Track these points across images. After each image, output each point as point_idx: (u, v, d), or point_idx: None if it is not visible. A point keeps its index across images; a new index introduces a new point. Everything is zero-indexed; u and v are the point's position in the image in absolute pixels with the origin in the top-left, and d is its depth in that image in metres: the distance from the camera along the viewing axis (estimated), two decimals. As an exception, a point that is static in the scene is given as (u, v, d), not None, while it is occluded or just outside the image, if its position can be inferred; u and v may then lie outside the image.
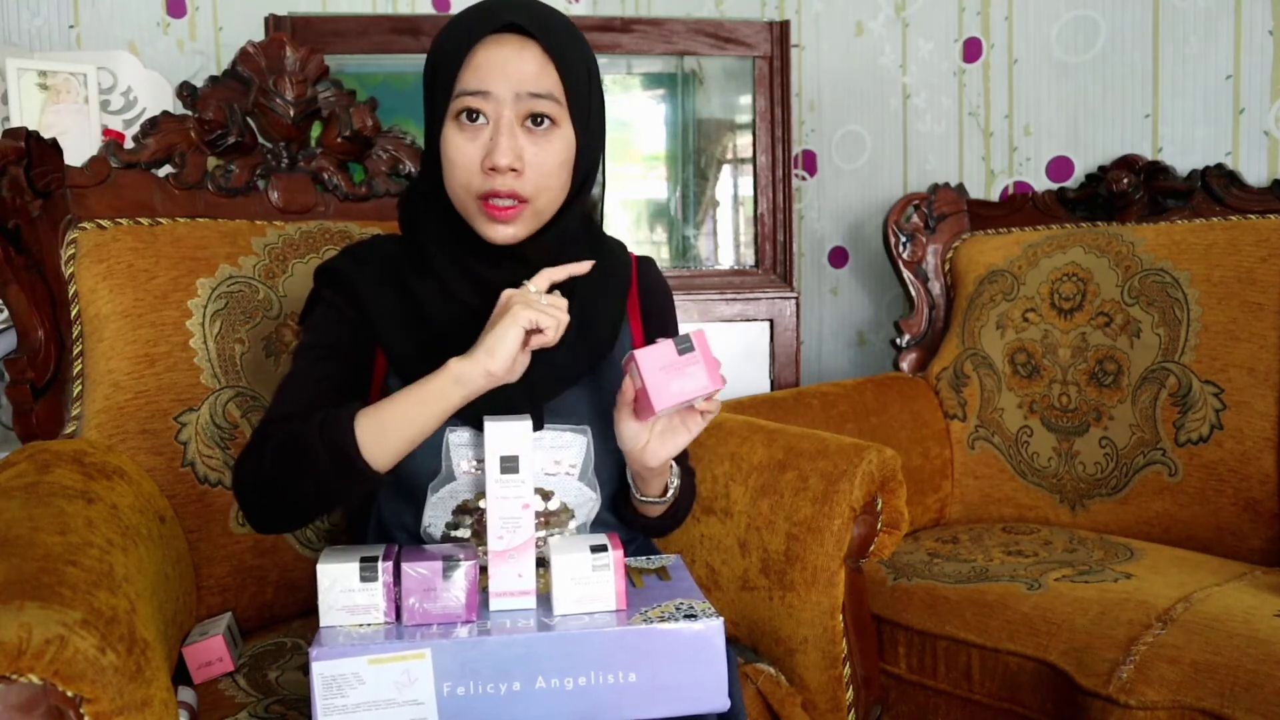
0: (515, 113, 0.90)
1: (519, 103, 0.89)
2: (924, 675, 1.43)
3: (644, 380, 0.88)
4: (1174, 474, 1.61)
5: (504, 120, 0.89)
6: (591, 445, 1.01)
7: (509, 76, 0.89)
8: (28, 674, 0.69)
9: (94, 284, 1.18)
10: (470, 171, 0.91)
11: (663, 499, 1.03)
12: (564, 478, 1.00)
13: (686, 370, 0.88)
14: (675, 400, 0.88)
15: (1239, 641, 1.16)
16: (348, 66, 1.99)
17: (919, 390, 1.89)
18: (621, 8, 2.51)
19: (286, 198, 1.40)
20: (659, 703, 0.84)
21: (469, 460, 0.97)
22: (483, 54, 0.89)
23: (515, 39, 0.89)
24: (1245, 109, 1.76)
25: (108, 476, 1.03)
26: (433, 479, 0.97)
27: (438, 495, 0.98)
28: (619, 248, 1.09)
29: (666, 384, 0.88)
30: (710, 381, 0.89)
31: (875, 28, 2.24)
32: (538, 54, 0.90)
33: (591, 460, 1.01)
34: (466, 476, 0.97)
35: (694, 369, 0.88)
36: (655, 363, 0.88)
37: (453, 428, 0.97)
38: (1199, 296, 1.63)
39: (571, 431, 1.00)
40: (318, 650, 0.80)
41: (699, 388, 0.89)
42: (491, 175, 0.90)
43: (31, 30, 2.07)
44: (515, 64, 0.89)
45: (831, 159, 2.34)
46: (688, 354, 0.89)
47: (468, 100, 0.90)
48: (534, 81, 0.89)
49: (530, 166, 0.91)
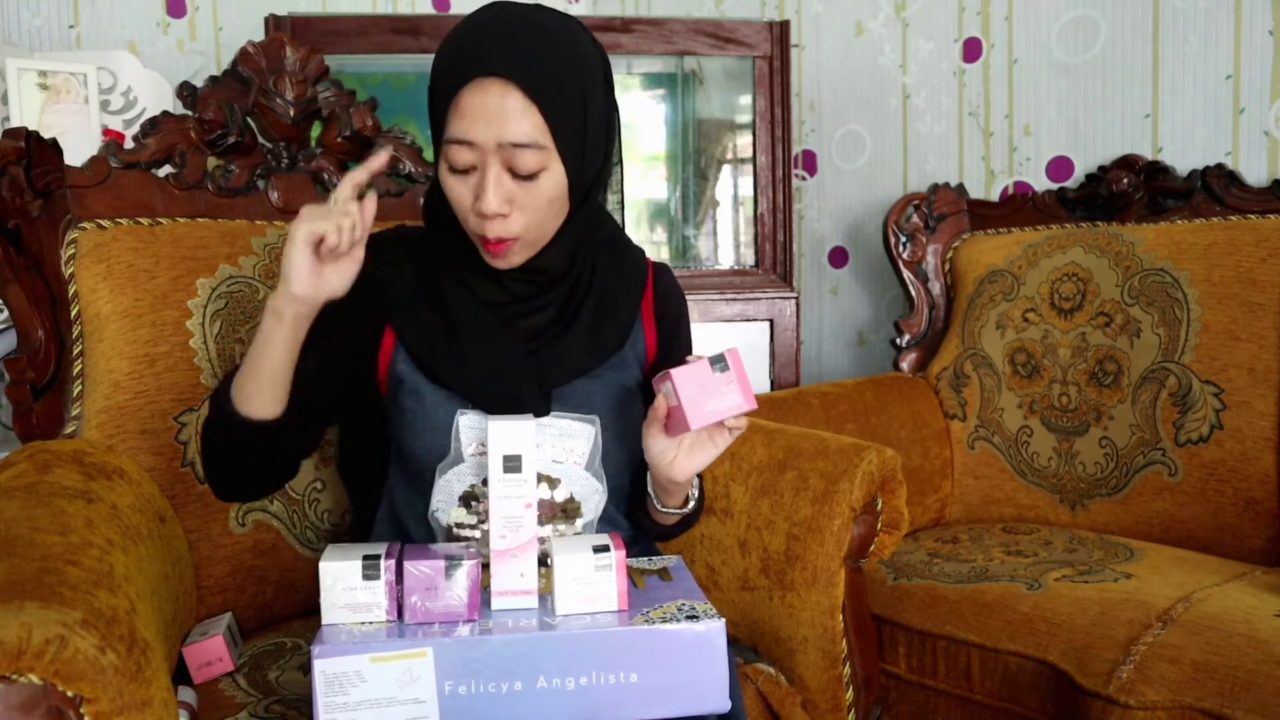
0: (500, 161, 0.90)
1: (502, 151, 0.90)
2: (924, 675, 1.43)
3: (680, 399, 0.89)
4: (1174, 474, 1.61)
5: (490, 170, 0.90)
6: (599, 436, 1.02)
7: (490, 125, 0.89)
8: (28, 674, 0.69)
9: (94, 284, 1.17)
10: (465, 211, 0.93)
11: (682, 509, 1.04)
12: (571, 466, 1.01)
13: (722, 390, 0.89)
14: (710, 419, 0.89)
15: (1239, 641, 1.16)
16: (348, 66, 1.99)
17: (919, 390, 1.89)
18: (621, 8, 2.51)
19: (287, 198, 1.40)
20: (660, 703, 0.84)
21: (478, 444, 0.98)
22: (466, 101, 0.89)
23: (496, 85, 0.89)
24: (1245, 109, 1.76)
25: (108, 476, 1.03)
26: (441, 460, 0.98)
27: (445, 478, 0.99)
28: (638, 254, 1.11)
29: (702, 403, 0.89)
30: (744, 400, 0.90)
31: (875, 28, 2.24)
32: (518, 99, 0.89)
33: (599, 451, 1.02)
34: (474, 459, 0.98)
35: (729, 388, 0.89)
36: (692, 381, 0.89)
37: (463, 410, 0.98)
38: (1199, 296, 1.63)
39: (580, 421, 1.01)
40: (319, 648, 0.80)
41: (733, 406, 0.89)
42: (482, 220, 0.92)
43: (31, 30, 2.07)
44: (496, 111, 0.89)
45: (831, 159, 2.34)
46: (723, 373, 0.89)
47: (454, 150, 0.91)
48: (514, 130, 0.89)
49: (519, 208, 0.92)
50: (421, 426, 0.98)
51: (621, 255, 1.08)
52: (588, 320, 1.02)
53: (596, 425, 1.02)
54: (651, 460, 0.97)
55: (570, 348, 1.00)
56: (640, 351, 1.07)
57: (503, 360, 0.98)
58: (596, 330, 1.02)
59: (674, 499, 1.02)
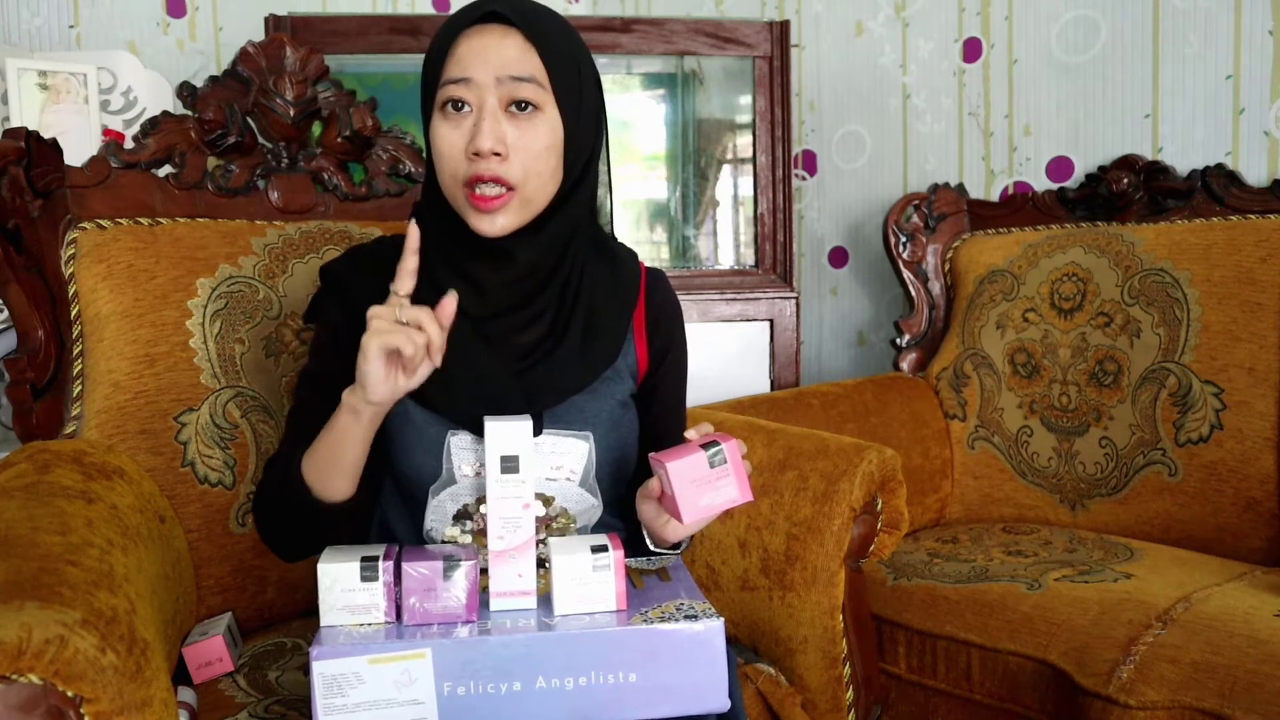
0: (498, 98, 0.90)
1: (500, 87, 0.89)
2: (924, 675, 1.43)
3: (674, 492, 0.88)
4: (1174, 474, 1.61)
5: (486, 105, 0.89)
6: (593, 451, 1.00)
7: (489, 61, 0.89)
8: (28, 674, 0.69)
9: (94, 284, 1.17)
10: (456, 160, 0.91)
11: (675, 550, 1.02)
12: (564, 483, 0.99)
13: (717, 484, 0.88)
14: (703, 514, 0.88)
15: (1239, 641, 1.16)
16: (348, 66, 1.99)
17: (919, 390, 1.89)
18: (621, 8, 2.51)
19: (286, 198, 1.40)
20: (659, 703, 0.84)
21: (470, 464, 0.97)
22: (464, 44, 0.90)
23: (497, 28, 0.90)
24: (1245, 109, 1.76)
25: (108, 476, 1.03)
26: (433, 482, 0.97)
27: (438, 499, 0.98)
28: (630, 258, 1.07)
29: (697, 498, 0.88)
30: (740, 494, 0.88)
31: (875, 28, 2.24)
32: (519, 40, 0.90)
33: (593, 467, 1.00)
34: (467, 480, 0.97)
35: (724, 482, 0.88)
36: (687, 476, 0.87)
37: (453, 430, 0.96)
38: (1199, 296, 1.63)
39: (573, 438, 0.99)
40: (318, 649, 0.80)
41: (727, 500, 0.88)
42: (475, 160, 0.90)
43: (31, 30, 2.07)
44: (495, 49, 0.89)
45: (831, 159, 2.34)
46: (720, 467, 0.88)
47: (450, 89, 0.90)
48: (514, 65, 0.89)
49: (515, 150, 0.90)
50: (412, 448, 0.96)
51: (612, 261, 1.04)
52: (577, 337, 0.98)
53: (590, 441, 0.99)
54: (644, 522, 0.96)
55: (560, 367, 0.97)
56: (632, 363, 1.04)
57: (491, 383, 0.95)
58: (587, 348, 0.99)
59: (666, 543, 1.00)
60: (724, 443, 0.88)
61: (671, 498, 0.88)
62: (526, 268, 0.96)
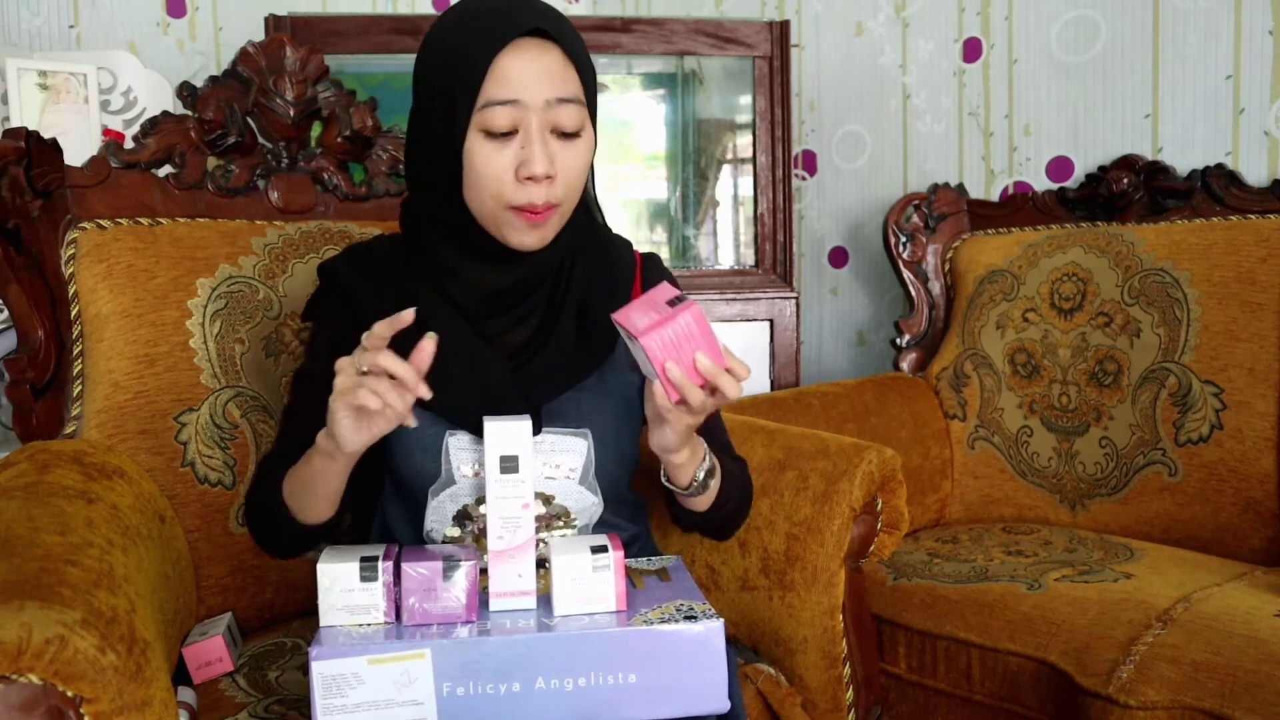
0: (543, 120, 0.88)
1: (548, 110, 0.88)
2: (924, 675, 1.43)
3: (635, 329, 0.83)
4: (1174, 474, 1.61)
5: (534, 128, 0.88)
6: (592, 449, 0.99)
7: (539, 83, 0.87)
8: (28, 674, 0.69)
9: (94, 284, 1.17)
10: (502, 183, 0.89)
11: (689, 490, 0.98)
12: (564, 482, 0.99)
13: (677, 318, 0.83)
14: (668, 350, 0.83)
15: (1239, 641, 1.16)
16: (348, 66, 1.99)
17: (919, 390, 1.89)
18: (621, 8, 2.51)
19: (286, 198, 1.40)
20: (659, 704, 0.84)
21: (469, 464, 0.97)
22: (507, 60, 0.87)
23: (536, 43, 0.88)
24: (1245, 109, 1.76)
25: (108, 476, 1.03)
26: (433, 483, 0.97)
27: (438, 499, 0.97)
28: (624, 246, 1.08)
29: (655, 329, 0.83)
30: (699, 327, 0.83)
31: (875, 28, 2.24)
32: (559, 56, 0.89)
33: (592, 465, 0.99)
34: (466, 480, 0.97)
35: (684, 317, 0.83)
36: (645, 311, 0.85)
37: (451, 431, 0.96)
38: (1199, 296, 1.62)
39: (571, 435, 0.98)
40: (317, 650, 0.80)
41: (686, 331, 0.84)
42: (527, 185, 0.89)
43: (31, 30, 2.07)
44: (544, 69, 0.88)
45: (831, 159, 2.34)
46: (679, 306, 0.84)
47: (498, 111, 0.87)
48: (560, 86, 0.88)
49: (562, 172, 0.90)
50: (410, 448, 0.96)
51: (605, 249, 1.05)
52: (571, 329, 0.98)
53: (589, 439, 0.99)
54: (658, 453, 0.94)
55: (556, 360, 0.96)
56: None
57: (489, 380, 0.95)
58: (583, 340, 0.98)
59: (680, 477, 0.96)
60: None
61: (647, 360, 0.84)
62: (532, 269, 0.96)
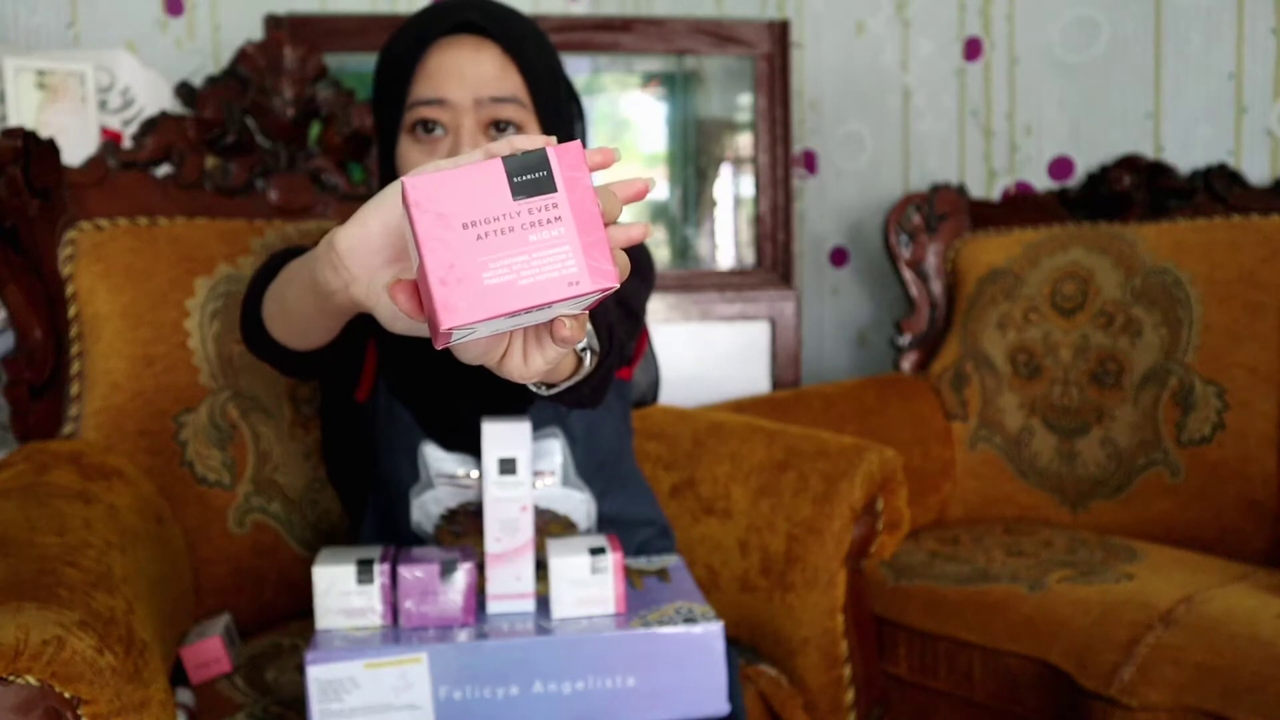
0: (476, 120, 0.83)
1: (480, 109, 0.82)
2: (925, 676, 1.42)
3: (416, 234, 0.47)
4: (1176, 475, 1.61)
5: (464, 130, 0.82)
6: (566, 446, 0.98)
7: (466, 81, 0.82)
8: (25, 675, 0.69)
9: (92, 284, 1.17)
10: None
11: (571, 379, 0.69)
12: (546, 489, 0.98)
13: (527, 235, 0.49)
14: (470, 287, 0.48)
15: (1241, 643, 1.16)
16: (347, 66, 1.99)
17: (919, 390, 1.89)
18: (621, 7, 2.50)
19: (285, 197, 1.39)
20: (658, 707, 0.83)
21: (445, 476, 0.95)
22: (436, 59, 0.82)
23: (471, 40, 0.83)
24: (1248, 108, 1.76)
25: (105, 477, 1.03)
26: (412, 485, 0.97)
27: (420, 499, 0.97)
28: None
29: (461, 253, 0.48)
30: (580, 262, 0.48)
31: (875, 27, 2.23)
32: (496, 54, 0.83)
33: (571, 463, 0.98)
34: (445, 489, 0.96)
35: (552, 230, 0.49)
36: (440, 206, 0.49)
37: (424, 440, 0.95)
38: (1201, 296, 1.62)
39: (545, 438, 0.97)
40: (313, 654, 0.80)
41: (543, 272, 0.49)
42: None
43: (29, 29, 2.06)
44: (472, 67, 0.82)
45: (832, 159, 2.33)
46: (544, 195, 0.49)
47: (423, 111, 0.83)
48: (494, 84, 0.82)
49: None
50: (390, 449, 0.95)
51: None
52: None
53: (561, 437, 0.97)
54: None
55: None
56: None
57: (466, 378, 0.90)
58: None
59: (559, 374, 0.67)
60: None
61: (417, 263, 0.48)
62: None
